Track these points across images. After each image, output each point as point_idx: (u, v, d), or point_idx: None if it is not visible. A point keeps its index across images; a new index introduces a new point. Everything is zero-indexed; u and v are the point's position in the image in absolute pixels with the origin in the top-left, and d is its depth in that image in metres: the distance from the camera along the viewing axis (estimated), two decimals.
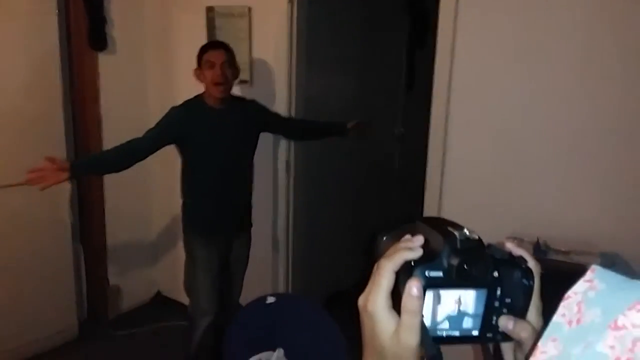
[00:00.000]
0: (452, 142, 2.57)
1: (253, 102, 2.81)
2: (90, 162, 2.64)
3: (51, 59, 2.99)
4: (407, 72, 4.17)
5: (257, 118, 2.78)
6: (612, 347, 0.33)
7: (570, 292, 0.38)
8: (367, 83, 3.81)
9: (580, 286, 0.38)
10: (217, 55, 2.56)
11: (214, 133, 2.59)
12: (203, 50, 2.61)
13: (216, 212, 2.69)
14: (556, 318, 0.38)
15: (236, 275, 2.88)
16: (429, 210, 2.65)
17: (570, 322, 0.37)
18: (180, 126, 2.55)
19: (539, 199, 2.37)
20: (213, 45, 2.66)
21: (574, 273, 0.41)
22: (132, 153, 2.51)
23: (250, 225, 2.89)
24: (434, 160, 2.62)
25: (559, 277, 0.56)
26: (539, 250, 2.14)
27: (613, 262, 2.04)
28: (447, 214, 2.66)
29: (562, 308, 0.38)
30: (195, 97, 2.64)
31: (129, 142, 2.51)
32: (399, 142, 4.23)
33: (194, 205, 2.71)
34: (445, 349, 0.54)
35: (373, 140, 4.00)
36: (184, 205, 2.74)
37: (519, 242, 2.09)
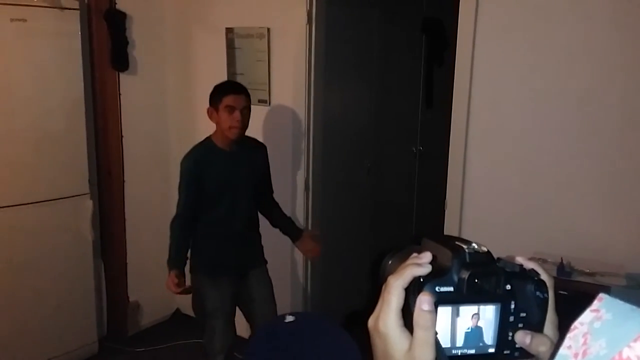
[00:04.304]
0: (472, 159, 2.55)
1: (264, 148, 2.74)
2: (178, 253, 2.58)
3: (75, 79, 3.06)
4: (425, 89, 4.17)
5: (263, 164, 2.73)
6: None
7: (576, 323, 0.37)
8: (386, 102, 3.81)
9: (586, 316, 0.37)
10: (239, 100, 2.48)
11: (223, 176, 2.54)
12: (222, 92, 2.50)
13: (222, 253, 2.62)
14: (562, 350, 0.36)
15: (264, 316, 2.70)
16: (450, 230, 2.63)
17: (576, 355, 0.35)
18: (196, 170, 2.51)
19: (563, 218, 2.33)
20: (234, 89, 2.53)
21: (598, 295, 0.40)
22: (188, 222, 2.56)
23: (264, 262, 2.78)
24: (454, 178, 2.61)
25: (584, 299, 0.54)
26: (563, 271, 2.10)
27: (639, 283, 1.99)
28: (467, 233, 2.63)
29: (569, 340, 0.36)
30: (205, 140, 2.59)
31: (176, 218, 2.57)
32: (418, 159, 4.21)
33: (201, 248, 2.63)
34: None
35: (392, 158, 4.00)
36: (192, 246, 2.65)
37: (542, 262, 2.06)
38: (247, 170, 2.63)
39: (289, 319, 2.07)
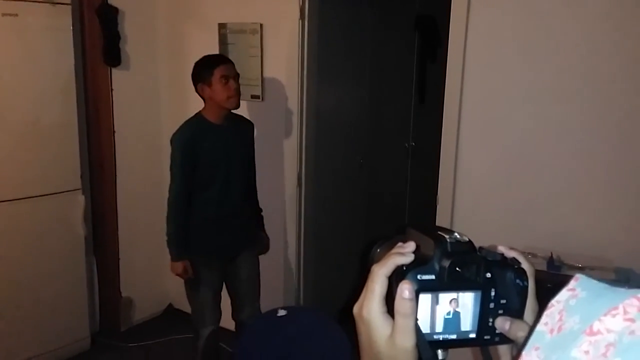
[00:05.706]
0: (464, 155, 2.56)
1: (252, 125, 2.77)
2: (178, 238, 2.57)
3: (67, 74, 3.05)
4: (418, 85, 4.18)
5: (251, 141, 2.76)
6: (586, 352, 0.33)
7: (553, 301, 0.38)
8: (379, 97, 3.83)
9: (562, 295, 0.38)
10: (231, 69, 2.52)
11: (218, 150, 2.53)
12: (212, 64, 2.50)
13: (217, 232, 2.63)
14: (539, 327, 0.38)
15: (249, 296, 2.79)
16: (441, 224, 2.65)
17: (552, 331, 0.37)
18: (190, 146, 2.49)
19: (553, 213, 2.35)
20: (223, 59, 2.58)
21: None
22: (182, 203, 2.55)
23: (255, 243, 2.83)
24: (445, 174, 2.62)
25: None
26: (553, 265, 2.13)
27: (628, 278, 2.01)
28: (458, 228, 2.64)
29: (545, 317, 0.38)
30: (196, 115, 2.58)
31: (174, 203, 2.55)
32: (410, 155, 4.23)
33: (195, 227, 2.63)
34: (450, 351, 0.54)
35: (384, 153, 4.01)
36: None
37: (532, 256, 2.08)
38: (240, 144, 2.64)
39: (281, 312, 2.08)
